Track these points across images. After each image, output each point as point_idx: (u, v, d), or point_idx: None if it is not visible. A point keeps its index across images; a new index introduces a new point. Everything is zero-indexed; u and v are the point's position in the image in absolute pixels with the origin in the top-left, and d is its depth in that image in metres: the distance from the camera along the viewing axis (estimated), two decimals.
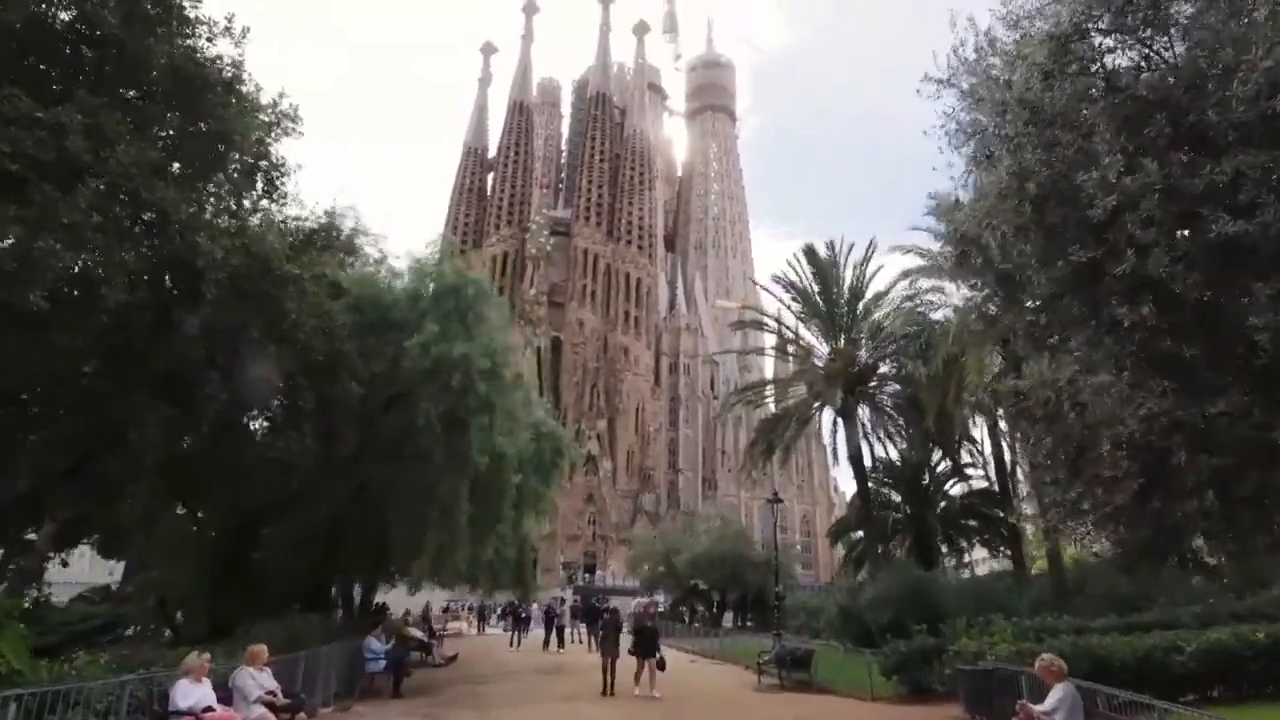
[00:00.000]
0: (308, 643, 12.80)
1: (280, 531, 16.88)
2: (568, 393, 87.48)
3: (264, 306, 11.03)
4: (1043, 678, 7.34)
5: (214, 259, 9.36)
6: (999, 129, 6.52)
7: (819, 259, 23.65)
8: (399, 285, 17.66)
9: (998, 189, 6.83)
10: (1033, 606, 17.46)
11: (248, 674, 8.61)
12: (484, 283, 18.43)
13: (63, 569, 21.20)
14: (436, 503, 16.00)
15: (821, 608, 25.84)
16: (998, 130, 6.54)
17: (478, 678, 17.47)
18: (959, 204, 7.40)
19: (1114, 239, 5.57)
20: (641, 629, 14.86)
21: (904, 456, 29.63)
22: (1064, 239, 6.35)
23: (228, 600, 17.88)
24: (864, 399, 23.97)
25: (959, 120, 7.10)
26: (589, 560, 77.60)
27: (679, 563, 35.86)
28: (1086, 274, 5.91)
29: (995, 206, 6.90)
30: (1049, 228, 6.13)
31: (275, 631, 12.95)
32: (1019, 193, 6.48)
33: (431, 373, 15.57)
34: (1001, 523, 28.99)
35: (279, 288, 11.04)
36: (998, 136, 6.55)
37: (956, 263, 7.54)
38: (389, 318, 16.86)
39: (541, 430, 22.03)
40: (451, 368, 15.63)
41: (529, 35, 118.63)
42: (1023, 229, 6.57)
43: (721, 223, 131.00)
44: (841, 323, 23.96)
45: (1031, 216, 6.16)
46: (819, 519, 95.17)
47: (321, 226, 14.04)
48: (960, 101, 7.13)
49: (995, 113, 6.53)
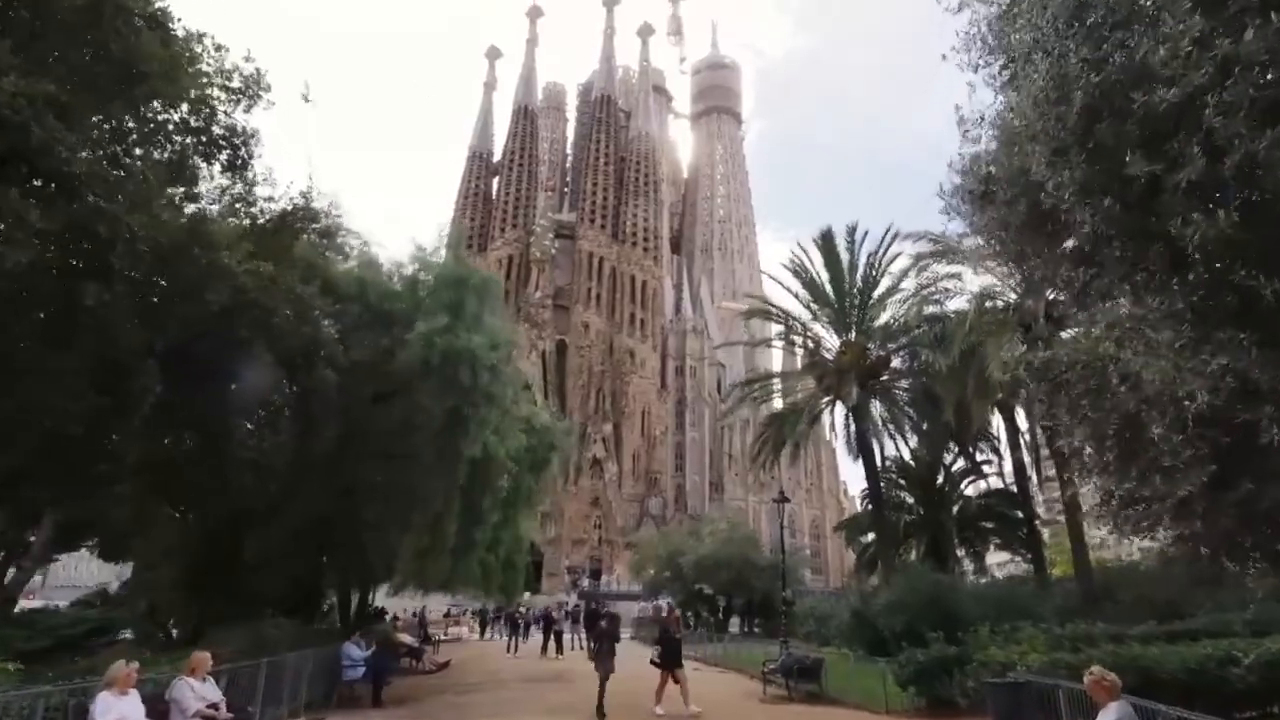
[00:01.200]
0: (278, 648, 11.91)
1: (263, 533, 15.97)
2: (573, 396, 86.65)
3: (203, 287, 10.01)
4: (1091, 694, 6.29)
5: (123, 224, 8.31)
6: (1036, 30, 5.41)
7: (832, 246, 22.56)
8: (396, 275, 16.78)
9: (1031, 102, 5.75)
10: (1058, 612, 16.35)
11: (186, 685, 7.67)
12: (488, 275, 17.50)
13: (73, 573, 20.60)
14: (425, 503, 15.10)
15: (832, 613, 24.71)
16: (1034, 33, 5.43)
17: (466, 686, 16.48)
18: (982, 120, 6.28)
19: (1179, 148, 4.50)
20: (666, 639, 12.92)
21: (916, 455, 28.51)
22: (1114, 160, 5.23)
23: (211, 603, 17.05)
24: (878, 393, 22.85)
25: (984, 32, 6.00)
26: (594, 565, 76.46)
27: (684, 566, 34.73)
28: (1144, 195, 4.83)
29: (1027, 127, 5.83)
30: (1095, 149, 5.06)
31: (242, 636, 12.07)
32: (1060, 106, 5.42)
33: (435, 367, 14.63)
34: (1020, 524, 27.83)
35: (223, 277, 9.97)
36: (1033, 42, 5.45)
37: (979, 203, 6.43)
38: (384, 309, 15.99)
39: (534, 424, 21.05)
40: (458, 361, 14.70)
41: (534, 39, 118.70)
42: (1062, 151, 5.47)
43: (727, 225, 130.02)
44: (853, 314, 22.88)
45: (1074, 133, 5.08)
46: (828, 523, 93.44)
47: (296, 208, 13.14)
48: (985, 5, 6.04)
49: (1032, 15, 5.43)
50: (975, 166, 6.45)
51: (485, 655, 25.30)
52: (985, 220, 6.85)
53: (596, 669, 12.69)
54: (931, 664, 11.94)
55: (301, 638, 12.62)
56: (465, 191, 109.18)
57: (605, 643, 12.99)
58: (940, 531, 27.69)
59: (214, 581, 16.44)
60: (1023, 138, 5.68)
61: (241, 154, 10.79)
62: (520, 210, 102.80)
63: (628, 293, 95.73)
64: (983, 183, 6.41)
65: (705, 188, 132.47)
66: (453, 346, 14.16)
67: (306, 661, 11.86)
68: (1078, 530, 18.66)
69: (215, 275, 10.05)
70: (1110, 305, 6.28)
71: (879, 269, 22.67)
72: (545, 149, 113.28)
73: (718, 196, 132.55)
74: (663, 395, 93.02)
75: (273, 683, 10.72)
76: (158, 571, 18.44)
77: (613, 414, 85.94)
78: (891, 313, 22.65)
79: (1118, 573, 20.77)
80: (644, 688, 12.95)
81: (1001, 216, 6.65)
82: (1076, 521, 18.86)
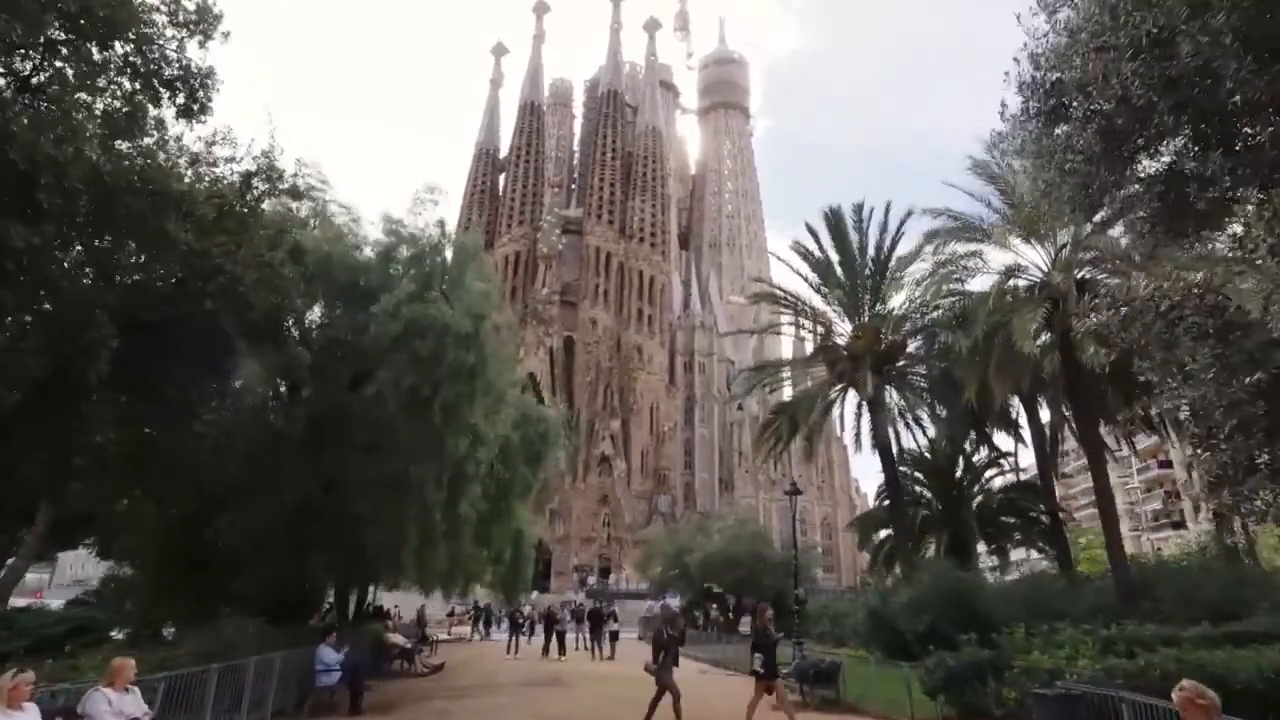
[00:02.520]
0: (238, 651, 10.89)
1: (238, 526, 14.90)
2: (580, 393, 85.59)
3: (159, 240, 8.98)
4: (1184, 714, 5.10)
5: (42, 151, 7.26)
6: None
7: (841, 225, 21.29)
8: (370, 247, 15.62)
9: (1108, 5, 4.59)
10: (1093, 611, 15.09)
11: (102, 697, 6.60)
12: (468, 242, 16.29)
13: (80, 571, 19.89)
14: (408, 494, 13.95)
15: (847, 613, 23.48)
16: None
17: (458, 690, 15.39)
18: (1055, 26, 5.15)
19: None
20: (764, 641, 10.59)
21: (935, 447, 27.24)
22: (1211, 59, 4.07)
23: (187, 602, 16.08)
24: (894, 380, 21.56)
25: None
26: (604, 563, 75.37)
27: (691, 563, 33.50)
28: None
29: (1103, 32, 4.67)
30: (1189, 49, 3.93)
31: (199, 639, 11.07)
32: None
33: (401, 339, 13.51)
34: (1043, 519, 26.52)
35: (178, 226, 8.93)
36: None
37: (1046, 119, 5.31)
38: (359, 283, 14.86)
39: (528, 414, 19.90)
40: (424, 331, 13.57)
41: (540, 35, 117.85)
42: (1150, 50, 4.32)
43: (736, 221, 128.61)
44: (865, 297, 21.63)
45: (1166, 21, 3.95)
46: (840, 521, 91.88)
47: (260, 168, 12.03)
48: None
49: None
50: (1042, 66, 5.27)
51: (484, 656, 24.26)
52: (1050, 144, 5.66)
53: (657, 682, 10.59)
54: (964, 669, 10.72)
55: (268, 640, 11.53)
56: (472, 188, 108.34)
57: (670, 650, 10.74)
58: (961, 526, 26.41)
59: (188, 579, 15.47)
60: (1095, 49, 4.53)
61: (199, 97, 9.70)
62: (527, 207, 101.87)
63: (635, 288, 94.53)
64: (1053, 92, 5.22)
65: (713, 183, 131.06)
66: (420, 316, 13.06)
67: (272, 666, 10.78)
68: (1112, 522, 17.36)
69: (168, 222, 8.96)
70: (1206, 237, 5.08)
71: (890, 249, 21.40)
72: (552, 145, 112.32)
73: (726, 192, 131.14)
74: (671, 391, 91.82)
75: (229, 691, 9.69)
76: (139, 569, 17.55)
77: (621, 410, 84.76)
78: (906, 295, 21.41)
79: (1154, 569, 19.42)
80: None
81: (1069, 135, 5.46)
82: (1111, 512, 17.58)
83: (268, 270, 11.04)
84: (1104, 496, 17.73)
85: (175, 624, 16.36)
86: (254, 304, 10.64)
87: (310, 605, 19.39)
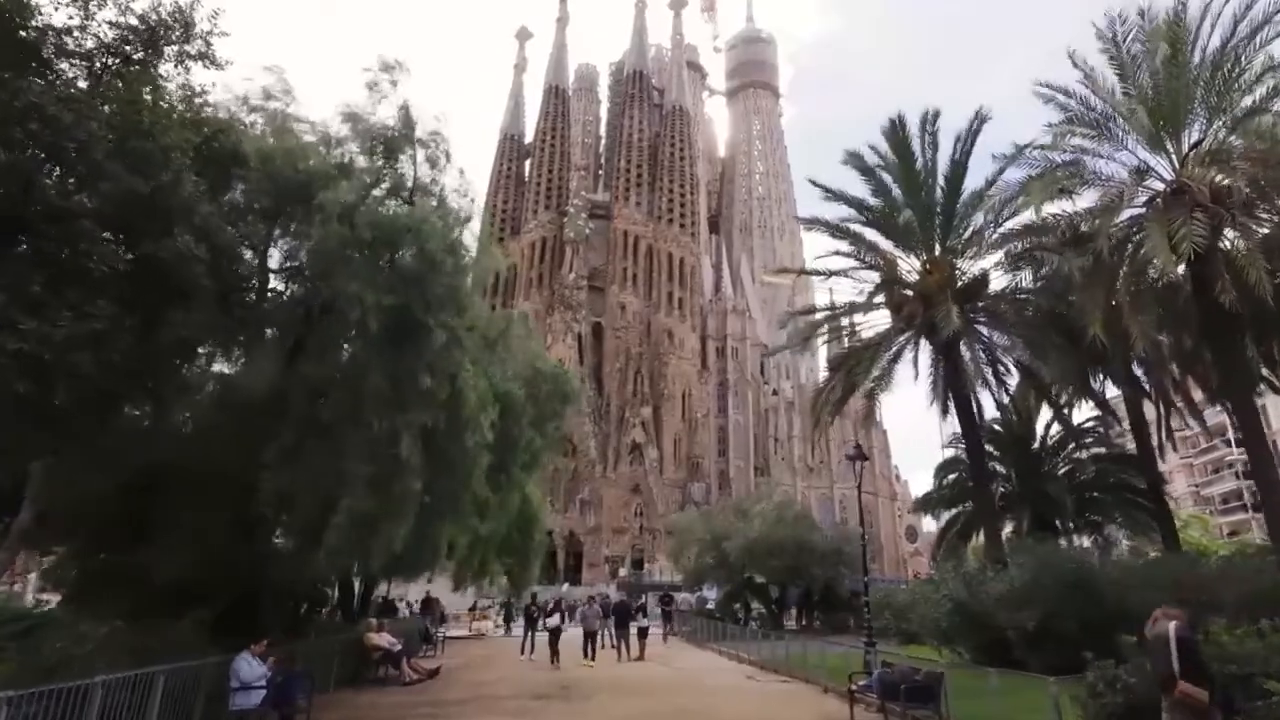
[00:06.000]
0: (155, 660, 7.99)
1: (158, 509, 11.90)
2: (610, 380, 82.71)
3: None
4: None
5: None
6: None
7: (904, 139, 17.45)
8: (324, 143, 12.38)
9: None
10: (1255, 599, 11.43)
11: None
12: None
13: None
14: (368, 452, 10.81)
15: (911, 604, 19.90)
16: None
17: (436, 707, 12.16)
18: None
19: None
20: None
21: (1010, 412, 23.43)
22: None
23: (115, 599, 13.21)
24: (983, 318, 17.58)
25: None
26: (637, 554, 72.29)
27: (730, 551, 30.02)
28: None
29: None
30: None
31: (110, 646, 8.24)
32: None
33: (364, 245, 10.35)
34: (1144, 494, 22.60)
35: None
36: None
37: None
38: (307, 188, 11.64)
39: (538, 367, 16.61)
40: (394, 238, 10.43)
41: (564, 18, 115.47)
42: None
43: (767, 203, 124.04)
44: (936, 223, 17.82)
45: None
46: (881, 510, 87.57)
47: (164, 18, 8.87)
48: None
49: None
50: None
51: (493, 658, 21.16)
52: None
53: None
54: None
55: (153, 649, 8.45)
56: (497, 174, 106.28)
57: None
58: (1046, 503, 22.62)
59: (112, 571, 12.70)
60: None
61: None
62: (553, 192, 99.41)
63: (665, 271, 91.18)
64: None
65: (743, 165, 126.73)
66: (377, 220, 9.89)
67: (145, 686, 7.60)
68: (1274, 489, 13.47)
69: None
70: None
71: (964, 163, 17.47)
72: (578, 131, 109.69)
73: (755, 174, 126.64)
74: (703, 376, 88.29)
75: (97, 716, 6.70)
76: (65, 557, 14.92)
77: (652, 397, 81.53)
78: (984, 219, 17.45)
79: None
80: None
81: None
82: (1272, 478, 13.74)
83: (146, 138, 7.98)
84: (1261, 461, 13.82)
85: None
86: (119, 178, 7.61)
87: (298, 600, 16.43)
